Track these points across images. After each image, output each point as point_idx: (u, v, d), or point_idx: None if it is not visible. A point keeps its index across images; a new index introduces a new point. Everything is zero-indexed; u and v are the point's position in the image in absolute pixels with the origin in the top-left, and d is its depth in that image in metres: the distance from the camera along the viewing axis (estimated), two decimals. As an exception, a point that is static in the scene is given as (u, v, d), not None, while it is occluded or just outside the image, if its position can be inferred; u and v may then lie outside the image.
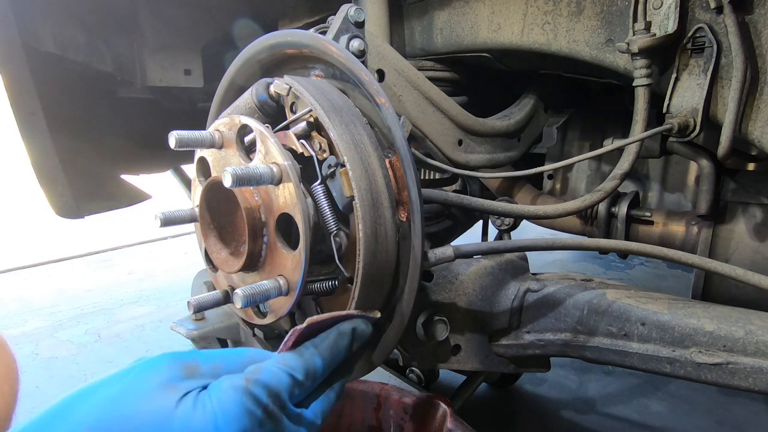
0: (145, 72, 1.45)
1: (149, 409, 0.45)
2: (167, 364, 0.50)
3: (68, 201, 1.46)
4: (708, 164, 1.08)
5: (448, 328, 0.82)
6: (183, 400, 0.47)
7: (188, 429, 0.45)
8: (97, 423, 0.43)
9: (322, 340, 0.59)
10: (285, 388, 0.53)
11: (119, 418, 0.44)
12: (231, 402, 0.48)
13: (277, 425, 0.51)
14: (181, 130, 0.67)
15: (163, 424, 0.44)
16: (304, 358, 0.56)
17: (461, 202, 0.83)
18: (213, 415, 0.47)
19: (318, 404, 0.59)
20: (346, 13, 0.73)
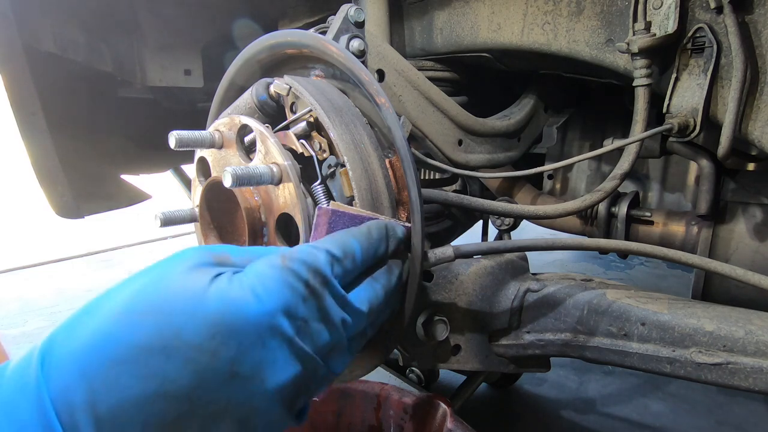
0: (145, 72, 1.45)
1: (181, 289, 0.42)
2: (197, 252, 0.47)
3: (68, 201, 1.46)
4: (708, 164, 1.08)
5: (448, 328, 0.82)
6: (217, 278, 0.44)
7: (225, 303, 0.42)
8: (129, 309, 0.41)
9: (355, 229, 0.56)
10: (325, 263, 0.49)
11: (151, 301, 0.41)
12: (270, 276, 0.45)
13: (321, 302, 0.48)
14: (181, 130, 0.67)
15: (196, 301, 0.41)
16: (338, 240, 0.53)
17: (461, 202, 0.83)
18: (252, 288, 0.44)
19: (363, 292, 0.54)
20: (346, 13, 0.73)
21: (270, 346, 0.43)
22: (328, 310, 0.48)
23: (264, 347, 0.43)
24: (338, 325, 0.50)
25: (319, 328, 0.48)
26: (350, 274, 0.53)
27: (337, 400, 1.09)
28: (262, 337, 0.43)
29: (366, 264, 0.55)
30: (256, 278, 0.45)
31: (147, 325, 0.40)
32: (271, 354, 0.43)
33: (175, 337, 0.40)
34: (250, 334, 0.42)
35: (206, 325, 0.41)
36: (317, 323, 0.48)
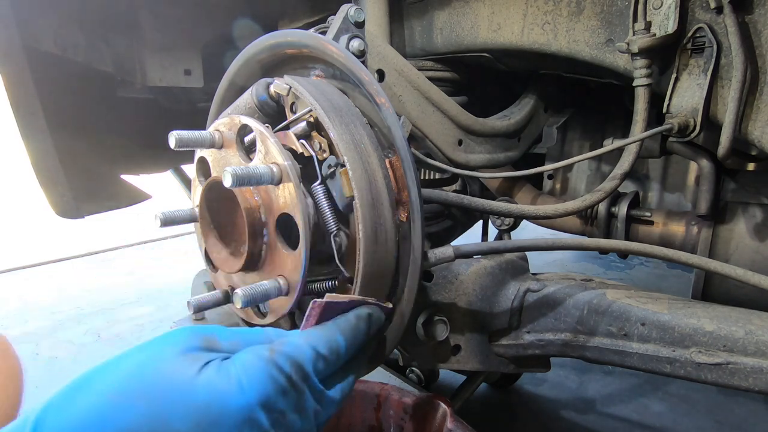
0: (145, 72, 1.45)
1: (172, 376, 0.45)
2: (187, 336, 0.50)
3: (68, 201, 1.46)
4: (708, 164, 1.08)
5: (448, 328, 0.82)
6: (206, 367, 0.47)
7: (212, 393, 0.45)
8: (120, 391, 0.43)
9: (343, 320, 0.59)
10: (309, 360, 0.53)
11: (142, 385, 0.44)
12: (255, 368, 0.48)
13: (299, 396, 0.51)
14: (181, 130, 0.67)
15: (187, 389, 0.44)
16: (326, 335, 0.56)
17: (461, 202, 0.83)
18: (237, 379, 0.47)
19: (339, 385, 0.58)
20: (346, 13, 0.74)
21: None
22: (304, 403, 0.52)
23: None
24: (311, 416, 0.53)
25: (294, 419, 0.51)
26: (332, 368, 0.57)
27: (337, 400, 1.09)
28: (240, 429, 0.45)
29: (348, 354, 0.59)
30: (243, 370, 0.48)
31: (138, 409, 0.43)
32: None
33: (164, 425, 0.42)
34: (231, 426, 0.45)
35: (193, 414, 0.44)
36: (293, 414, 0.51)
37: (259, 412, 0.47)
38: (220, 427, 0.44)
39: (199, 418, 0.44)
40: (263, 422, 0.47)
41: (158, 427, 0.42)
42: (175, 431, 0.42)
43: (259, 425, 0.47)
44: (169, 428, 0.42)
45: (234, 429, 0.45)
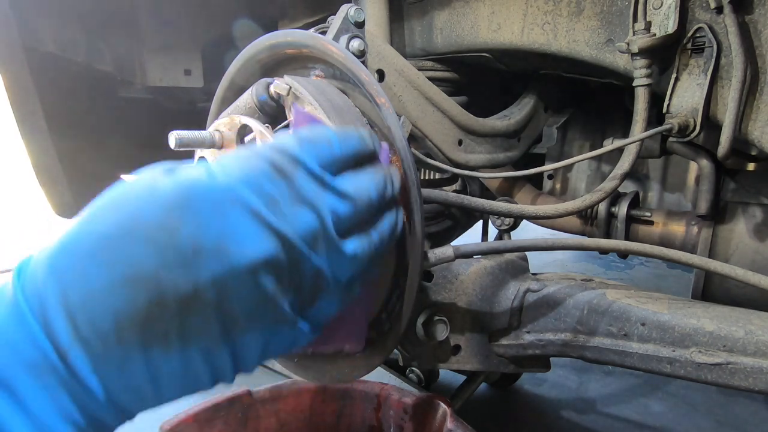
0: (145, 72, 1.45)
1: (138, 182, 0.41)
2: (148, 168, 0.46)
3: (68, 201, 1.46)
4: (708, 164, 1.08)
5: (448, 328, 0.82)
6: (172, 171, 0.43)
7: (179, 183, 0.40)
8: (93, 212, 0.41)
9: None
10: (293, 144, 0.45)
11: (112, 200, 0.41)
12: (228, 159, 0.43)
13: (292, 182, 0.44)
14: (181, 130, 0.67)
15: (152, 186, 0.40)
16: (311, 129, 0.48)
17: (461, 202, 0.83)
18: (207, 169, 0.42)
19: (346, 178, 0.49)
20: (346, 13, 0.74)
21: (232, 216, 0.40)
22: (302, 189, 0.44)
23: (224, 217, 0.40)
24: (319, 207, 0.45)
25: (296, 210, 0.43)
26: (326, 157, 0.47)
27: (337, 400, 1.09)
28: (221, 207, 0.40)
29: (345, 153, 0.50)
30: (215, 163, 0.43)
31: (106, 217, 0.40)
32: (234, 225, 0.40)
33: (134, 221, 0.39)
34: (208, 206, 0.40)
35: (162, 204, 0.39)
36: (291, 204, 0.43)
37: (243, 189, 0.41)
38: (197, 208, 0.40)
39: (168, 206, 0.39)
40: (250, 200, 0.41)
41: (130, 226, 0.38)
42: (146, 224, 0.38)
43: (245, 202, 0.41)
44: (139, 224, 0.38)
45: (214, 208, 0.40)
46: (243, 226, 0.41)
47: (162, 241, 0.38)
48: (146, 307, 0.38)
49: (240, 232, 0.40)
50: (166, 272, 0.38)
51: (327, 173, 0.47)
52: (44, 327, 0.37)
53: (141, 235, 0.38)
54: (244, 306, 0.41)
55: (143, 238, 0.38)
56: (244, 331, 0.42)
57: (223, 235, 0.40)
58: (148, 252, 0.38)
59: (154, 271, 0.38)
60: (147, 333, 0.38)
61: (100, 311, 0.37)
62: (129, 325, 0.37)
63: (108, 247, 0.38)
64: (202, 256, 0.39)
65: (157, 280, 0.38)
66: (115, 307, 0.37)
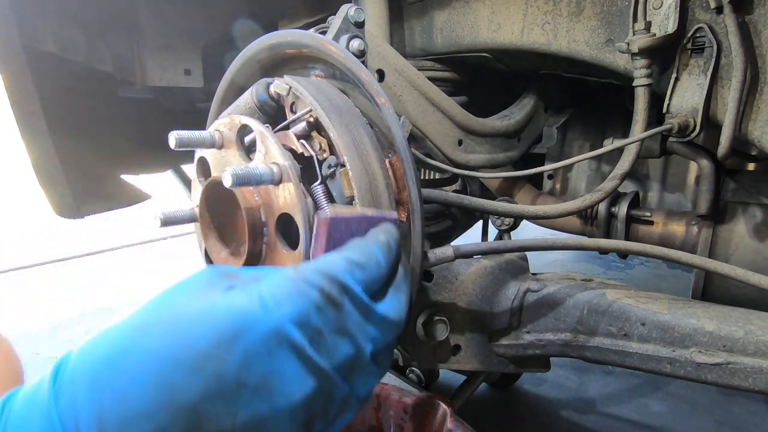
0: (145, 72, 1.44)
1: (191, 301, 0.42)
2: (209, 271, 0.47)
3: (68, 201, 1.46)
4: (708, 164, 1.08)
5: (448, 328, 0.82)
6: (229, 290, 0.43)
7: (233, 311, 0.41)
8: (141, 322, 0.40)
9: (371, 234, 0.52)
10: (343, 270, 0.45)
11: (163, 314, 0.41)
12: (280, 286, 0.43)
13: (339, 313, 0.44)
14: (181, 130, 0.67)
15: (206, 310, 0.41)
16: (358, 245, 0.49)
17: (461, 202, 0.83)
18: (260, 296, 0.42)
19: (389, 300, 0.50)
20: (346, 13, 0.73)
21: (278, 356, 0.41)
22: (346, 321, 0.45)
23: (271, 356, 0.41)
24: (359, 339, 0.46)
25: (337, 341, 0.44)
26: (376, 281, 0.49)
27: (337, 400, 1.09)
28: (269, 346, 0.41)
29: (390, 269, 0.51)
30: (267, 288, 0.43)
31: (157, 334, 0.39)
32: (279, 365, 0.41)
33: (183, 345, 0.39)
34: (257, 343, 0.40)
35: (213, 332, 0.39)
36: (334, 335, 0.44)
37: (290, 327, 0.41)
38: (246, 343, 0.40)
39: (219, 336, 0.39)
40: (296, 338, 0.41)
41: (178, 349, 0.38)
42: (195, 351, 0.38)
43: (291, 341, 0.41)
44: (188, 349, 0.38)
45: (262, 346, 0.40)
46: (288, 366, 0.41)
47: (208, 372, 0.38)
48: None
49: (284, 372, 0.41)
50: (207, 403, 0.38)
51: (372, 302, 0.48)
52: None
53: (189, 363, 0.38)
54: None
55: (190, 366, 0.38)
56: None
57: (268, 374, 0.40)
58: (193, 380, 0.38)
59: (195, 400, 0.37)
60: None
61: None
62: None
63: (154, 370, 0.38)
64: (245, 391, 0.39)
65: (197, 411, 0.37)
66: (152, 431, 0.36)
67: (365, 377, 0.48)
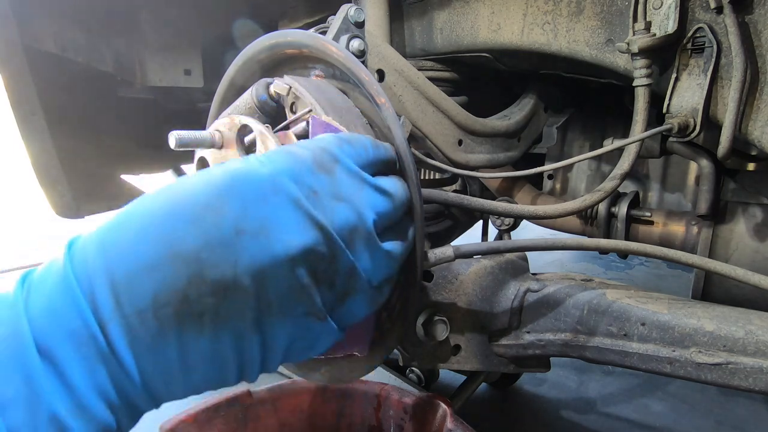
0: (145, 72, 1.44)
1: (194, 174, 0.44)
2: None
3: (68, 201, 1.46)
4: (708, 164, 1.08)
5: (448, 328, 0.82)
6: (227, 162, 0.45)
7: (230, 170, 0.42)
8: (147, 194, 0.43)
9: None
10: (333, 143, 0.47)
11: (168, 187, 0.43)
12: (274, 151, 0.46)
13: (332, 177, 0.45)
14: (181, 130, 0.66)
15: (206, 174, 0.43)
16: (346, 134, 0.51)
17: (461, 202, 0.83)
18: (255, 158, 0.44)
19: (382, 178, 0.51)
20: (346, 13, 0.73)
21: (273, 203, 0.42)
22: (341, 187, 0.46)
23: (267, 203, 0.42)
24: (357, 202, 0.46)
25: (334, 205, 0.45)
26: (362, 159, 0.49)
27: (337, 400, 1.09)
28: (264, 192, 0.42)
29: (378, 157, 0.52)
30: (263, 155, 0.45)
31: (158, 197, 0.42)
32: (275, 212, 0.42)
33: (182, 200, 0.41)
34: (252, 190, 0.41)
35: (211, 186, 0.41)
36: (331, 199, 0.45)
37: (285, 179, 0.43)
38: (243, 192, 0.41)
39: (217, 190, 0.41)
40: (292, 190, 0.42)
41: (179, 205, 0.40)
42: (194, 203, 0.40)
43: (286, 191, 0.42)
44: (188, 204, 0.40)
45: (258, 194, 0.41)
46: (284, 214, 0.42)
47: (206, 221, 0.40)
48: (185, 286, 0.39)
49: (281, 219, 0.42)
50: (207, 252, 0.39)
51: (365, 175, 0.49)
52: (89, 299, 0.38)
53: (187, 215, 0.40)
54: (278, 293, 0.42)
55: (189, 217, 0.40)
56: (275, 321, 0.43)
57: (265, 220, 0.41)
58: (193, 231, 0.39)
59: (196, 250, 0.39)
60: (183, 311, 0.39)
61: (142, 287, 0.38)
62: (167, 302, 0.38)
63: (155, 224, 0.40)
64: (243, 238, 0.40)
65: (198, 259, 0.39)
66: (156, 283, 0.38)
67: (372, 254, 0.48)
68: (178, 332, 0.39)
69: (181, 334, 0.39)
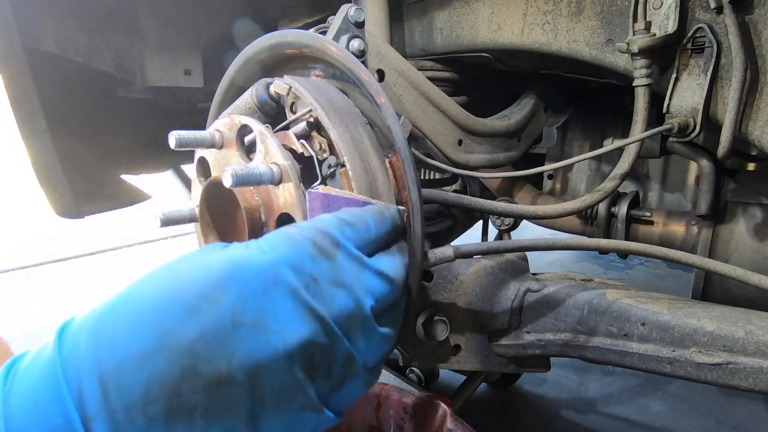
0: (145, 72, 1.44)
1: (193, 257, 0.43)
2: (207, 246, 0.48)
3: (68, 201, 1.46)
4: (708, 164, 1.08)
5: (448, 328, 0.82)
6: (227, 247, 0.44)
7: (230, 258, 0.41)
8: (145, 278, 0.42)
9: (363, 207, 0.53)
10: (333, 225, 0.47)
11: (166, 269, 0.42)
12: (276, 236, 0.45)
13: (332, 264, 0.45)
14: (181, 130, 0.67)
15: (205, 261, 0.41)
16: (348, 210, 0.50)
17: (461, 202, 0.83)
18: (256, 245, 0.43)
19: (383, 258, 0.50)
20: (346, 13, 0.74)
21: (272, 295, 0.41)
22: (341, 272, 0.45)
23: (266, 295, 0.41)
24: (356, 289, 0.45)
25: (334, 292, 0.44)
26: (364, 240, 0.49)
27: (337, 400, 1.09)
28: (263, 284, 0.41)
29: (380, 234, 0.51)
30: (263, 239, 0.44)
31: (155, 282, 0.40)
32: (274, 304, 0.41)
33: (179, 289, 0.39)
34: (251, 281, 0.40)
35: (209, 275, 0.40)
36: (330, 286, 0.44)
37: (285, 269, 0.42)
38: (241, 282, 0.40)
39: (216, 279, 0.40)
40: (291, 279, 0.42)
41: (175, 293, 0.39)
42: (191, 293, 0.39)
43: (286, 281, 0.41)
44: (185, 292, 0.39)
45: (257, 285, 0.40)
46: (284, 306, 0.41)
47: (203, 312, 0.38)
48: (178, 380, 0.37)
49: (280, 311, 0.41)
50: (203, 345, 0.38)
51: (365, 256, 0.48)
52: (75, 393, 0.36)
53: (184, 304, 0.38)
54: (274, 389, 0.40)
55: (185, 307, 0.38)
56: (269, 416, 0.41)
57: (264, 313, 0.40)
58: (189, 320, 0.38)
59: (191, 342, 0.37)
60: (173, 407, 0.37)
61: (132, 380, 0.36)
62: (157, 397, 0.36)
63: (150, 311, 0.38)
64: (241, 331, 0.39)
65: (193, 352, 0.37)
66: (148, 376, 0.36)
67: (369, 338, 0.47)
68: (166, 429, 0.37)
69: (169, 431, 0.37)
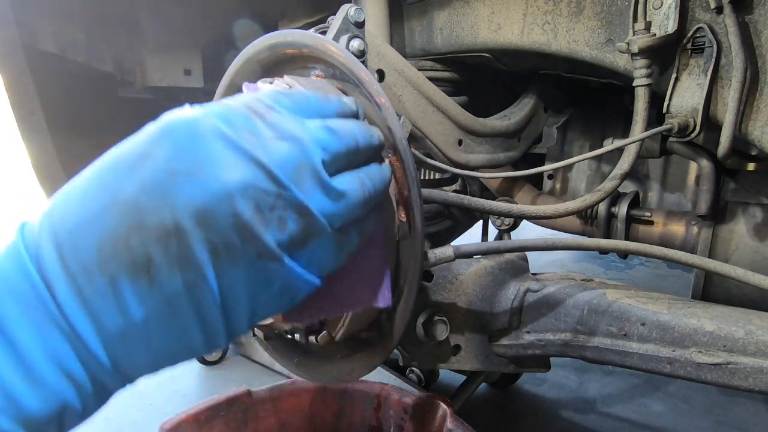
0: (145, 72, 1.45)
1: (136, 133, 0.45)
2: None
3: (68, 201, 1.46)
4: (708, 164, 1.08)
5: (448, 328, 0.82)
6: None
7: (162, 120, 0.43)
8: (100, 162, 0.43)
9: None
10: (269, 95, 0.46)
11: (117, 148, 0.44)
12: (209, 104, 0.45)
13: (266, 122, 0.43)
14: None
15: (144, 130, 0.43)
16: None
17: (461, 202, 0.83)
18: (189, 109, 0.43)
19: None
20: (346, 13, 0.73)
21: (207, 143, 0.40)
22: (279, 127, 0.43)
23: (200, 144, 0.40)
24: (302, 138, 0.44)
25: (273, 143, 0.42)
26: (303, 107, 0.48)
27: (337, 400, 1.09)
28: (195, 135, 0.41)
29: (324, 106, 0.50)
30: (197, 106, 0.44)
31: (106, 156, 0.43)
32: (207, 150, 0.40)
33: (123, 154, 0.42)
34: (184, 132, 0.41)
35: (146, 135, 0.42)
36: (267, 140, 0.42)
37: (217, 121, 0.42)
38: (173, 133, 0.41)
39: (152, 135, 0.42)
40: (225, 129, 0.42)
41: (119, 158, 0.42)
42: (132, 152, 0.42)
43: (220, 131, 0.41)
44: (127, 154, 0.42)
45: (188, 133, 0.41)
46: (218, 152, 0.41)
47: (142, 167, 0.40)
48: (127, 233, 0.38)
49: (215, 157, 0.40)
50: (145, 197, 0.39)
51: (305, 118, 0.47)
52: (35, 260, 0.38)
53: (124, 165, 0.41)
54: (223, 234, 0.40)
55: (126, 168, 0.41)
56: (225, 266, 0.40)
57: (199, 160, 0.40)
58: (129, 179, 0.40)
59: (134, 197, 0.39)
60: (129, 264, 0.38)
61: (84, 241, 0.38)
62: (111, 254, 0.38)
63: (97, 178, 0.41)
64: (177, 179, 0.39)
65: (137, 206, 0.39)
66: (98, 235, 0.38)
67: (326, 193, 0.45)
68: (127, 288, 0.38)
69: (130, 290, 0.38)
